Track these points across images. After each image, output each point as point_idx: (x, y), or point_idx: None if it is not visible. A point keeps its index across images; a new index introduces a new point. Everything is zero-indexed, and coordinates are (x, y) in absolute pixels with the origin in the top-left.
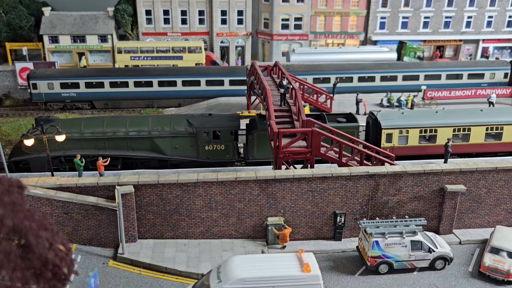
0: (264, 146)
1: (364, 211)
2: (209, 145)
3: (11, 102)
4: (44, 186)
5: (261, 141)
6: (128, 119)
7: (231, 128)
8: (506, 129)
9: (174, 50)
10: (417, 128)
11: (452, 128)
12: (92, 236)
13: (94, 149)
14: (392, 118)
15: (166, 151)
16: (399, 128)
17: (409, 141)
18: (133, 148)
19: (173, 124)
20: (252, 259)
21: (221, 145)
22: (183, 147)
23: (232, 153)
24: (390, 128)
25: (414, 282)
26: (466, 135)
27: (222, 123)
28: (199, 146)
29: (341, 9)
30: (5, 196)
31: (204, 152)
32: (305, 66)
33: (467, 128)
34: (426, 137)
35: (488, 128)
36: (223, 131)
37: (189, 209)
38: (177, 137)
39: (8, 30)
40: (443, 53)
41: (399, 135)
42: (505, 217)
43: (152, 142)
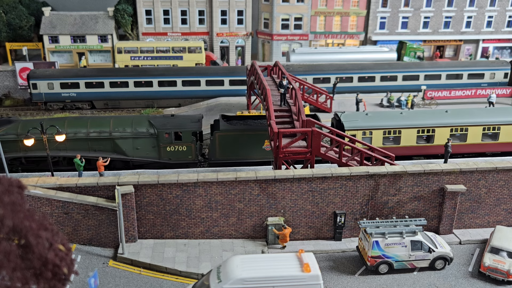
0: (227, 147)
1: (364, 211)
2: (170, 146)
3: (11, 102)
4: (44, 186)
5: (223, 142)
6: (89, 120)
7: (192, 129)
8: (470, 131)
9: (174, 50)
10: (381, 130)
11: (416, 130)
12: (92, 236)
13: (55, 150)
14: (356, 120)
15: (127, 152)
16: (363, 130)
17: (373, 142)
18: (94, 149)
19: (134, 125)
20: (252, 259)
21: (183, 146)
22: (145, 148)
23: (194, 154)
24: (353, 129)
25: (414, 282)
26: (431, 137)
27: (183, 124)
28: (160, 147)
29: (341, 9)
30: (5, 196)
31: (166, 153)
32: (305, 66)
33: (431, 130)
34: (390, 139)
35: (453, 130)
36: (184, 132)
37: (189, 209)
38: (138, 138)
39: (8, 30)
40: (443, 53)
41: (362, 136)
42: (505, 217)
43: (113, 143)
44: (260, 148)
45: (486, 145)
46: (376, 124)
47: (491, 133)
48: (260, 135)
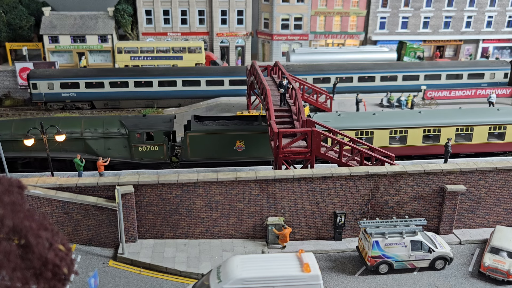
0: (198, 147)
1: (364, 211)
2: (142, 146)
3: (11, 102)
4: (44, 186)
5: (194, 142)
6: (60, 121)
7: (164, 129)
8: (443, 131)
9: (174, 50)
10: (353, 130)
11: (389, 131)
12: (92, 236)
13: (25, 151)
14: (327, 121)
15: (99, 153)
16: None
17: None
18: (65, 149)
19: (105, 126)
20: (252, 259)
21: (155, 146)
22: (116, 148)
23: (166, 154)
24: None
25: (414, 282)
26: (404, 137)
27: (155, 124)
28: (132, 147)
29: (341, 9)
30: (5, 196)
31: (138, 153)
32: (305, 66)
33: (404, 130)
34: (362, 139)
35: (426, 130)
36: (156, 132)
37: (189, 209)
38: (110, 139)
39: (8, 30)
40: (443, 53)
41: None
42: (505, 217)
43: (85, 144)
44: (232, 148)
45: (460, 146)
46: (348, 125)
47: (464, 134)
48: (232, 136)
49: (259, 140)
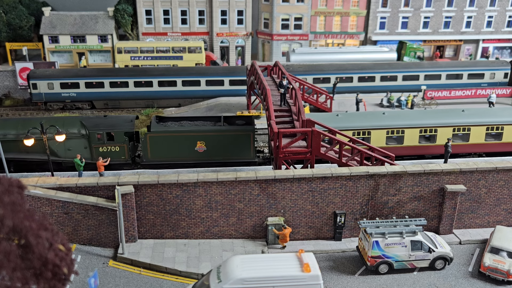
0: (158, 148)
1: (364, 211)
2: (103, 147)
3: (11, 102)
4: (44, 186)
5: (154, 143)
6: (20, 122)
7: (125, 130)
8: (407, 133)
9: (174, 50)
10: None
11: (352, 132)
12: (92, 236)
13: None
14: None
15: (59, 153)
16: None
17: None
18: (26, 150)
19: (65, 126)
20: (252, 259)
21: (116, 147)
22: (77, 149)
23: (127, 154)
24: None
25: (414, 282)
26: (367, 139)
27: (116, 124)
28: (93, 147)
29: (341, 9)
30: (5, 196)
31: (99, 153)
32: (305, 66)
33: (367, 132)
34: (325, 141)
35: (389, 132)
36: (117, 132)
37: (189, 209)
38: (70, 139)
39: (8, 30)
40: (443, 53)
41: None
42: (505, 217)
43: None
44: (192, 149)
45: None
46: None
47: (428, 135)
48: (192, 137)
49: (220, 141)
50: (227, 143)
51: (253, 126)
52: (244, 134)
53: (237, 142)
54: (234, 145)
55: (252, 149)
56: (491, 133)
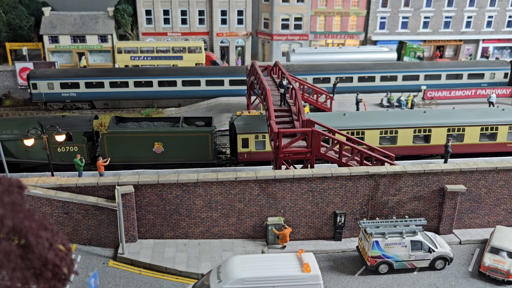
0: (115, 149)
1: (364, 211)
2: (61, 147)
3: (11, 102)
4: (44, 186)
5: (111, 144)
6: None
7: (83, 130)
8: (367, 134)
9: (174, 50)
10: None
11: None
12: (92, 236)
13: None
14: (249, 123)
15: (17, 155)
16: (255, 133)
17: (266, 146)
18: None
19: (22, 127)
20: (252, 259)
21: (74, 147)
22: (35, 150)
23: (86, 154)
24: (245, 133)
25: (414, 282)
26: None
27: (74, 124)
28: (51, 148)
29: (341, 9)
30: (5, 196)
31: (57, 154)
32: (305, 66)
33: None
34: None
35: (349, 133)
36: (75, 132)
37: (189, 209)
38: None
39: (8, 30)
40: (443, 53)
41: (255, 140)
42: (505, 217)
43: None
44: (150, 150)
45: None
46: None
47: (389, 136)
48: (150, 138)
49: (178, 142)
50: (185, 144)
51: (212, 128)
52: (202, 135)
53: (195, 143)
54: (192, 147)
55: (211, 151)
56: (452, 134)
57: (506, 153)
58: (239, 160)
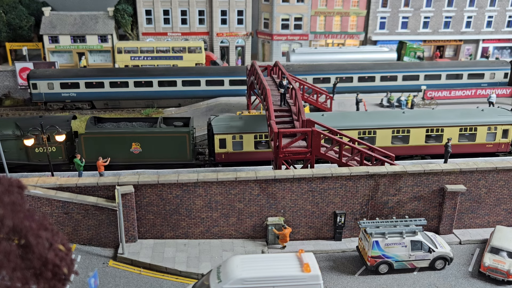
0: (93, 149)
1: (364, 211)
2: (39, 148)
3: (11, 102)
4: (44, 186)
5: (88, 144)
6: None
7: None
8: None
9: (174, 50)
10: (252, 134)
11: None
12: (92, 236)
13: None
14: (227, 124)
15: None
16: (232, 134)
17: (244, 146)
18: None
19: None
20: (252, 259)
21: (52, 147)
22: (13, 151)
23: (64, 154)
24: (222, 133)
25: (414, 282)
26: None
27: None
28: (28, 148)
29: (341, 9)
30: (5, 196)
31: (35, 154)
32: (305, 66)
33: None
34: (262, 143)
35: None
36: (53, 132)
37: (189, 209)
38: (4, 141)
39: (8, 30)
40: (443, 53)
41: (232, 140)
42: (505, 217)
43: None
44: (128, 151)
45: None
46: (247, 128)
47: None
48: (127, 138)
49: (155, 143)
50: (163, 145)
51: (189, 128)
52: (179, 135)
53: (173, 143)
54: (170, 147)
55: (189, 151)
56: (431, 135)
57: (485, 153)
58: (216, 160)
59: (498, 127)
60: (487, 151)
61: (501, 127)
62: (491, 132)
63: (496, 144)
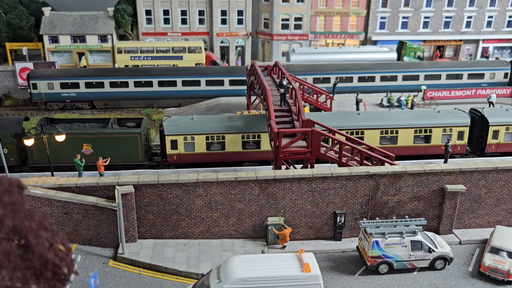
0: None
1: (364, 211)
2: None
3: (11, 102)
4: (44, 186)
5: (40, 145)
6: None
7: (13, 131)
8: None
9: (174, 50)
10: (203, 135)
11: (241, 135)
12: (92, 236)
13: None
14: (177, 125)
15: None
16: (184, 135)
17: (196, 148)
18: None
19: None
20: (252, 259)
21: (3, 149)
22: None
23: (16, 156)
24: (173, 134)
25: (414, 282)
26: (257, 142)
27: (3, 126)
28: None
29: (341, 9)
30: (5, 196)
31: None
32: (305, 66)
33: (257, 135)
34: (214, 144)
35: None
36: (4, 134)
37: (189, 209)
38: None
39: (8, 30)
40: (443, 53)
41: (184, 141)
42: (505, 217)
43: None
44: (79, 152)
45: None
46: (199, 129)
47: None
48: (78, 139)
49: (106, 143)
50: (114, 146)
51: (141, 129)
52: (131, 136)
53: (124, 144)
54: (121, 148)
55: (141, 152)
56: (386, 136)
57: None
58: (168, 162)
59: (453, 128)
60: (443, 153)
61: (456, 129)
62: (446, 134)
63: (452, 146)
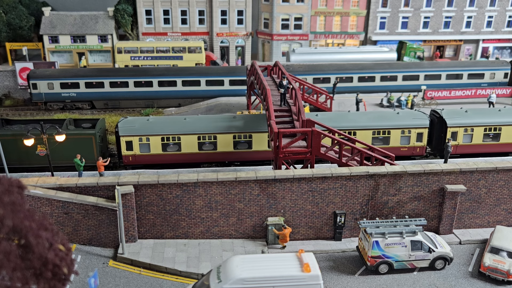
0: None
1: (364, 211)
2: None
3: (11, 102)
4: (44, 186)
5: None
6: None
7: None
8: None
9: (174, 50)
10: (159, 136)
11: (197, 136)
12: (92, 236)
13: None
14: (133, 126)
15: None
16: (139, 136)
17: (151, 149)
18: None
19: None
20: (252, 259)
21: None
22: None
23: None
24: (128, 135)
25: (414, 282)
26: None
27: None
28: None
29: (341, 9)
30: (5, 196)
31: None
32: (305, 66)
33: (213, 136)
34: (170, 145)
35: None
36: None
37: (189, 209)
38: None
39: (8, 30)
40: (443, 53)
41: (139, 142)
42: (505, 217)
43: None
44: (33, 153)
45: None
46: (154, 130)
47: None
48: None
49: (61, 145)
50: (68, 147)
51: (96, 130)
52: (85, 137)
53: (79, 145)
54: (76, 149)
55: (96, 153)
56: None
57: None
58: (124, 163)
59: (412, 130)
60: (402, 154)
61: (415, 131)
62: (405, 135)
63: (411, 147)
